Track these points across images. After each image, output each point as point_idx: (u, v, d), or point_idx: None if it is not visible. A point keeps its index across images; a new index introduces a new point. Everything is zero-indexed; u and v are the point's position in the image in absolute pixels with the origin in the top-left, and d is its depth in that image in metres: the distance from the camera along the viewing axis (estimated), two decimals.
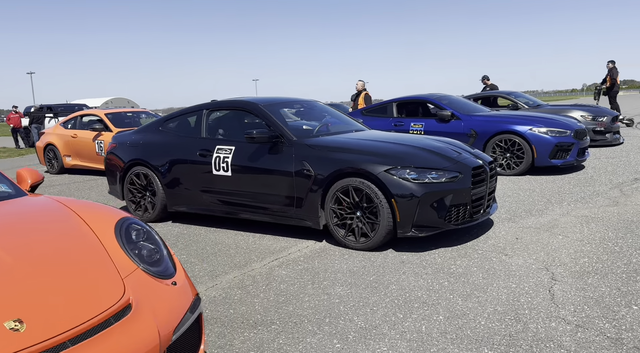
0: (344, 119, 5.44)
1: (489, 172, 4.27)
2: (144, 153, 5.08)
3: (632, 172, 6.94)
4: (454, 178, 3.94)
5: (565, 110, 10.26)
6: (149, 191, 5.11)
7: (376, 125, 8.52)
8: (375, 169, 3.85)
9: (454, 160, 4.09)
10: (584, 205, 5.25)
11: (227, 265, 3.71)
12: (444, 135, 7.80)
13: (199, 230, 4.79)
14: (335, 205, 4.05)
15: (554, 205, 5.31)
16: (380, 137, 4.57)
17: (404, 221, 3.80)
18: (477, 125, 7.58)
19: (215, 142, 4.69)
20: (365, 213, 3.94)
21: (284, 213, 4.32)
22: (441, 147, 4.31)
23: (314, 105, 5.40)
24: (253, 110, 4.68)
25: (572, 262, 3.52)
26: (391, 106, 8.63)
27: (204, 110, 4.97)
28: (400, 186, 3.78)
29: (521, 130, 7.15)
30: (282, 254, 3.95)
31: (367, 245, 3.93)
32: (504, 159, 7.34)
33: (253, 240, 4.40)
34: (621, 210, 4.90)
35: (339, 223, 4.06)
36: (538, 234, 4.25)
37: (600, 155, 8.85)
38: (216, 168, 4.59)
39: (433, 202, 3.82)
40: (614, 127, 10.18)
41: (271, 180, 4.32)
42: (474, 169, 4.09)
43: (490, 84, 13.51)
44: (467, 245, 4.04)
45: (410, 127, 8.19)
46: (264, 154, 4.39)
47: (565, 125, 7.25)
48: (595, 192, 5.85)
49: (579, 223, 4.52)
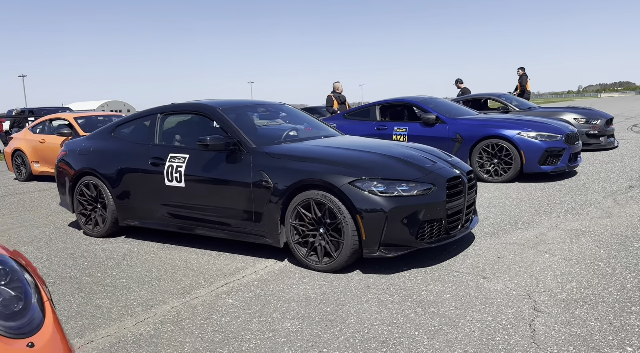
0: (315, 123, 5.02)
1: (467, 183, 3.86)
2: (94, 161, 4.64)
3: (626, 179, 6.55)
4: (427, 190, 3.53)
5: (558, 112, 9.90)
6: (99, 203, 4.67)
7: (358, 129, 8.13)
8: (339, 181, 3.43)
9: (427, 171, 3.67)
10: (574, 216, 4.84)
11: (168, 292, 3.27)
12: (429, 139, 7.41)
13: (150, 248, 4.35)
14: (296, 221, 3.63)
15: (542, 216, 4.90)
16: (348, 144, 4.15)
17: (370, 239, 3.38)
18: (462, 129, 7.18)
19: (168, 150, 4.26)
20: (329, 230, 3.52)
21: (242, 229, 3.89)
22: (414, 155, 3.89)
23: (281, 108, 4.97)
24: (210, 114, 4.25)
25: (558, 287, 3.11)
26: (374, 109, 8.23)
27: (158, 114, 4.54)
28: (366, 200, 3.36)
29: (509, 135, 6.75)
30: (235, 277, 3.51)
31: (331, 267, 3.51)
32: (491, 165, 6.94)
33: (207, 259, 3.96)
34: (614, 223, 4.50)
35: (301, 241, 3.64)
36: (522, 252, 3.84)
37: (593, 160, 8.47)
38: (169, 178, 4.16)
39: (403, 218, 3.40)
40: (608, 131, 9.81)
41: (227, 193, 3.89)
42: (449, 180, 3.68)
43: (463, 87, 13.12)
44: (442, 265, 3.62)
45: (393, 131, 7.78)
46: (221, 163, 3.97)
47: (555, 129, 6.86)
48: (587, 201, 5.45)
49: (568, 239, 4.11)
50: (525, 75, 13.08)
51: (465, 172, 3.94)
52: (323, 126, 4.98)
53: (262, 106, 4.73)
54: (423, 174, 3.63)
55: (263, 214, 3.75)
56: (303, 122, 4.93)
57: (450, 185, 3.69)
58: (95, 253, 4.26)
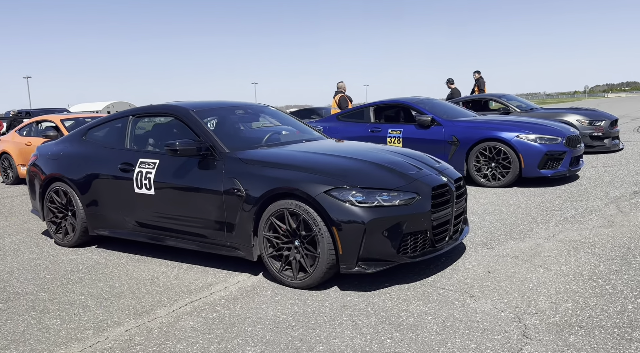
0: (299, 126, 4.75)
1: (454, 191, 3.58)
2: (64, 167, 4.40)
3: (631, 184, 6.23)
4: (410, 200, 3.25)
5: (560, 114, 9.57)
6: (70, 211, 4.42)
7: (352, 131, 7.86)
8: (314, 190, 3.16)
9: (411, 178, 3.39)
10: (573, 225, 4.54)
11: (125, 312, 3.01)
12: (424, 142, 7.13)
13: (120, 260, 4.10)
14: (269, 233, 3.36)
15: (539, 225, 4.61)
16: (329, 149, 3.88)
17: (347, 254, 3.11)
18: (459, 131, 6.89)
19: (138, 155, 4.01)
20: (304, 243, 3.25)
21: (214, 241, 3.63)
22: (398, 161, 3.62)
23: (262, 110, 4.70)
24: (182, 116, 3.99)
25: (552, 308, 2.82)
26: (368, 111, 7.95)
27: (130, 116, 4.29)
28: (342, 211, 3.09)
29: (507, 137, 6.45)
30: (202, 294, 3.25)
31: (306, 283, 3.24)
32: (489, 169, 6.64)
33: (177, 273, 3.70)
34: (616, 233, 4.20)
35: (275, 254, 3.37)
36: (515, 266, 3.55)
37: (597, 164, 8.15)
38: (138, 185, 3.91)
39: (384, 230, 3.13)
40: (613, 132, 9.48)
41: (199, 201, 3.64)
42: (435, 189, 3.40)
43: (453, 88, 12.72)
44: (427, 281, 3.34)
45: (387, 133, 7.50)
46: (192, 169, 3.71)
47: (556, 131, 6.55)
48: (588, 208, 5.15)
49: (566, 251, 3.82)
50: (481, 79, 12.68)
51: (453, 179, 3.66)
52: (307, 129, 4.72)
53: (240, 108, 4.46)
54: (406, 181, 3.35)
55: (235, 225, 3.48)
56: (285, 125, 4.67)
57: (436, 194, 3.41)
58: (61, 265, 4.02)
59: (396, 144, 7.41)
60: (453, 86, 12.64)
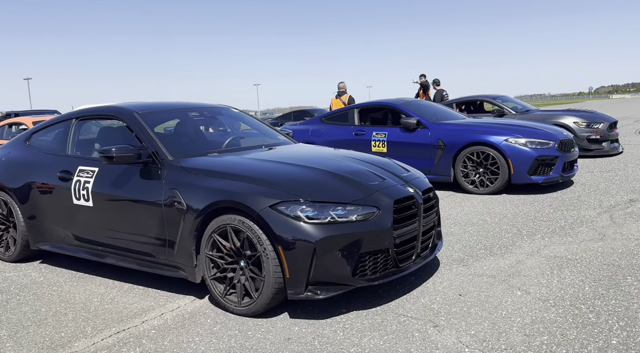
0: (263, 130, 4.39)
1: (422, 203, 3.20)
2: (4, 174, 4.05)
3: (627, 191, 5.83)
4: (369, 215, 2.88)
5: (557, 116, 9.17)
6: (11, 223, 4.08)
7: (336, 134, 7.50)
8: (258, 203, 2.80)
9: (372, 190, 3.02)
10: (561, 239, 4.16)
11: (39, 345, 2.65)
12: (409, 145, 6.77)
13: (59, 278, 3.74)
14: (212, 252, 3.00)
15: (524, 238, 4.23)
16: (286, 157, 3.51)
17: (295, 277, 2.74)
18: (445, 134, 6.50)
19: (77, 162, 3.66)
20: (249, 264, 2.89)
21: (155, 259, 3.27)
22: (359, 170, 3.25)
23: (221, 112, 4.32)
24: (125, 119, 3.62)
25: (524, 342, 2.44)
26: (352, 113, 7.58)
27: (73, 119, 3.94)
28: (289, 228, 2.73)
29: (495, 142, 6.06)
30: (133, 323, 2.89)
31: (250, 310, 2.87)
32: (477, 174, 6.26)
33: (115, 295, 3.34)
34: (607, 248, 3.81)
35: (219, 276, 3.01)
36: (490, 287, 3.18)
37: (594, 168, 7.75)
38: (76, 196, 3.56)
39: (337, 250, 2.76)
40: (612, 135, 9.07)
41: (138, 215, 3.28)
42: (398, 202, 3.03)
43: (438, 89, 12.27)
44: (389, 306, 2.97)
45: (372, 136, 7.13)
46: (132, 178, 3.35)
47: (548, 135, 6.16)
48: (579, 219, 4.76)
49: (549, 270, 3.44)
50: (427, 82, 12.25)
51: (421, 190, 3.29)
52: (272, 133, 4.36)
53: (195, 110, 4.09)
54: (365, 193, 2.98)
55: (177, 242, 3.12)
56: (247, 129, 4.31)
57: (400, 208, 3.04)
58: None
59: (381, 147, 7.04)
60: (439, 87, 12.21)
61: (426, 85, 12.30)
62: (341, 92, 10.81)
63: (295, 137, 8.03)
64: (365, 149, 7.13)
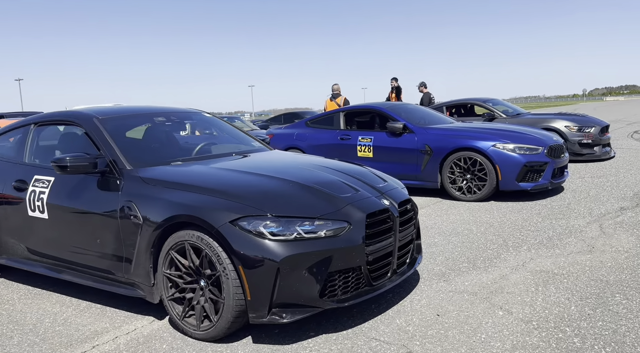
0: (236, 136, 4.18)
1: (398, 217, 3.00)
2: None
3: (618, 198, 5.66)
4: (339, 230, 2.67)
5: (548, 120, 9.02)
6: None
7: (321, 138, 7.30)
8: (217, 218, 2.58)
9: (343, 203, 2.82)
10: (548, 251, 3.97)
11: None
12: (395, 150, 6.57)
13: (14, 294, 3.50)
14: (170, 270, 2.78)
15: (510, 250, 4.04)
16: (255, 166, 3.30)
17: (257, 300, 2.52)
18: (432, 139, 6.31)
19: (33, 171, 3.43)
20: (208, 284, 2.68)
21: (112, 277, 3.05)
22: (331, 181, 3.04)
23: (191, 117, 4.10)
24: (84, 124, 3.39)
25: None
26: (338, 116, 7.37)
27: (32, 125, 3.71)
28: (251, 245, 2.51)
29: (482, 147, 5.88)
30: (81, 349, 2.65)
31: (210, 335, 2.65)
32: (464, 181, 6.07)
33: (69, 315, 3.11)
34: (595, 262, 3.63)
35: (178, 296, 2.80)
36: (471, 306, 2.98)
37: (585, 174, 7.58)
38: (31, 207, 3.33)
39: (303, 269, 2.55)
40: (604, 139, 8.92)
41: (95, 228, 3.05)
42: (371, 215, 2.82)
43: (425, 92, 11.91)
44: (362, 328, 2.76)
45: (358, 141, 6.93)
46: (88, 189, 3.12)
47: (537, 140, 5.98)
48: (567, 228, 4.58)
49: (534, 286, 3.25)
50: (399, 87, 11.75)
51: (397, 202, 3.08)
52: (245, 140, 4.14)
53: (162, 115, 3.86)
54: (336, 207, 2.77)
55: (134, 259, 2.91)
56: (220, 134, 4.10)
57: (373, 222, 2.83)
58: None
59: (367, 152, 6.84)
60: (425, 90, 11.97)
61: (399, 89, 11.80)
62: (335, 94, 10.59)
63: (280, 141, 7.85)
64: (351, 153, 6.94)
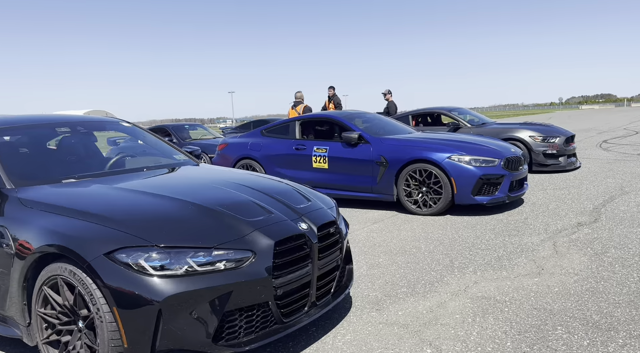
0: (159, 148, 3.80)
1: (316, 242, 2.66)
2: None
3: (577, 212, 5.44)
4: (241, 261, 2.33)
5: (512, 130, 8.85)
6: None
7: (276, 148, 6.95)
8: (90, 250, 2.20)
9: (248, 228, 2.46)
10: (494, 273, 3.68)
11: None
12: (351, 162, 6.27)
13: None
14: (44, 308, 2.39)
15: (455, 272, 3.74)
16: (157, 185, 2.94)
17: (136, 347, 2.15)
18: (388, 150, 6.02)
19: None
20: (84, 327, 2.29)
21: None
22: (241, 202, 2.69)
23: (106, 127, 3.71)
24: None
25: None
26: (294, 125, 7.04)
27: None
28: (127, 282, 2.13)
29: (437, 159, 5.61)
30: None
31: None
32: (420, 194, 5.79)
33: None
34: (542, 287, 3.35)
35: (53, 339, 2.40)
36: (398, 343, 2.65)
37: (547, 185, 7.39)
38: None
39: (193, 310, 2.19)
40: (569, 150, 8.77)
41: None
42: (281, 243, 2.48)
43: (390, 100, 11.66)
44: None
45: (313, 151, 6.61)
46: None
47: (493, 152, 5.73)
48: (519, 247, 4.31)
49: (471, 316, 2.94)
50: (335, 95, 11.27)
51: (318, 225, 2.74)
52: (168, 152, 3.77)
53: (66, 125, 3.45)
54: (239, 233, 2.42)
55: (8, 294, 2.51)
56: (138, 147, 3.72)
57: (284, 250, 2.49)
58: None
59: (322, 163, 6.52)
60: (391, 98, 11.69)
61: (336, 99, 11.15)
62: (297, 102, 10.31)
63: (234, 150, 7.46)
64: (306, 164, 6.61)
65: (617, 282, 3.35)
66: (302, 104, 10.07)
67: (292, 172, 6.71)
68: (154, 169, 3.35)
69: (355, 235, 5.03)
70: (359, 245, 4.64)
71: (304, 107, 9.94)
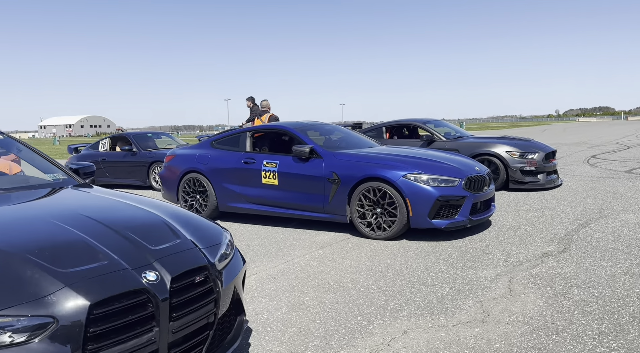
0: (38, 166, 3.22)
1: (167, 299, 2.05)
2: None
3: (545, 240, 4.86)
4: (36, 333, 1.69)
5: (488, 144, 8.28)
6: None
7: (225, 161, 6.35)
8: None
9: (55, 285, 1.79)
10: (432, 318, 3.09)
11: None
12: (302, 178, 5.67)
13: None
14: None
15: (385, 317, 3.14)
16: None
17: None
18: (340, 166, 5.44)
19: None
20: None
21: None
22: (67, 243, 2.05)
23: None
24: None
25: None
26: (244, 137, 6.46)
27: None
28: None
29: (392, 177, 5.02)
30: None
31: None
32: (374, 215, 5.20)
33: None
34: (480, 340, 2.74)
35: None
36: None
37: (522, 206, 6.81)
38: None
39: None
40: (549, 166, 8.21)
41: None
42: (102, 304, 1.82)
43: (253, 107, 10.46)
44: None
45: (262, 165, 6.02)
46: None
47: (454, 171, 5.15)
48: (470, 283, 3.72)
49: None
50: (256, 106, 10.43)
51: (173, 275, 2.11)
52: (48, 169, 3.17)
53: None
54: (38, 293, 1.74)
55: None
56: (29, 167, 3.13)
57: (109, 313, 1.86)
58: None
59: (271, 179, 5.93)
60: (252, 105, 10.57)
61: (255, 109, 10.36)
62: (263, 111, 9.76)
63: (181, 162, 6.84)
64: (255, 179, 6.03)
65: (571, 337, 2.75)
66: (268, 113, 9.51)
67: (240, 188, 6.13)
68: (18, 189, 2.76)
69: (292, 264, 4.43)
70: (290, 278, 4.04)
71: (270, 116, 9.38)
